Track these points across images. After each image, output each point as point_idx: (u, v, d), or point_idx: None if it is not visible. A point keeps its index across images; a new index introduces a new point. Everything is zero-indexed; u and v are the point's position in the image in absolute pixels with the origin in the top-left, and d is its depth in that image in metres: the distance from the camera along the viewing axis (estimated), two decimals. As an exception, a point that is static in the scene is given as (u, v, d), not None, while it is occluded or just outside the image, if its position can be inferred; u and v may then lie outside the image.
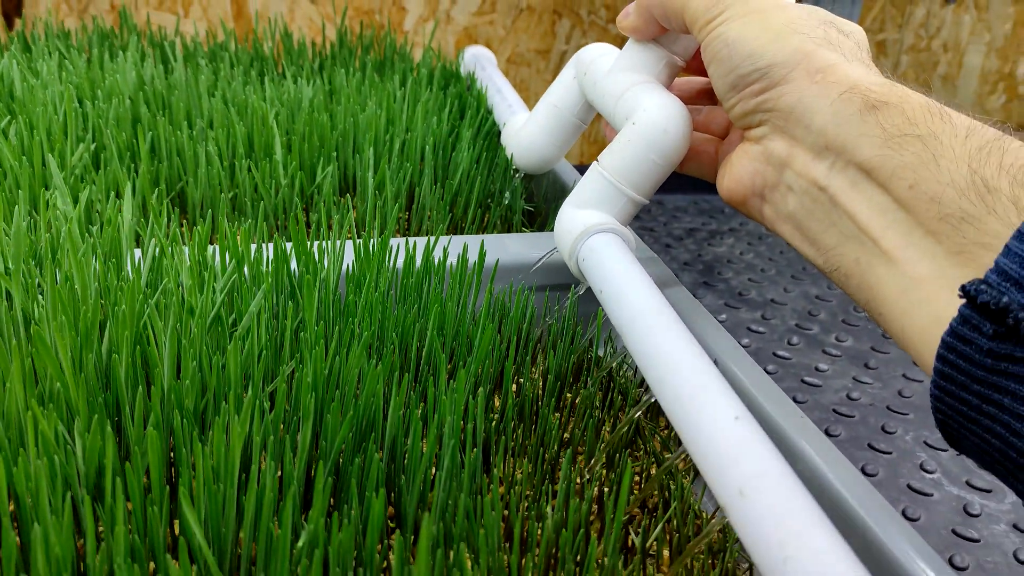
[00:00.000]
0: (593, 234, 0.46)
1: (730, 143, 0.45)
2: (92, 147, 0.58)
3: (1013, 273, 0.26)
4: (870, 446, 0.68)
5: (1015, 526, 0.61)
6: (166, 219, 0.44)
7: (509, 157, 0.64)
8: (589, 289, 0.54)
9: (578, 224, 0.47)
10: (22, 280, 0.37)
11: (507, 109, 0.71)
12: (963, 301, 0.27)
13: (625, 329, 0.40)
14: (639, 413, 0.44)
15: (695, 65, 0.49)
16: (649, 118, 0.45)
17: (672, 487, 0.41)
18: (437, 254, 0.48)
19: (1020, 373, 0.25)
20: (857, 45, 0.38)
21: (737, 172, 0.41)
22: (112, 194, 0.50)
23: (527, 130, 0.60)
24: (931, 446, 0.69)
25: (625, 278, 0.42)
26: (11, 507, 0.30)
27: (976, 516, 0.61)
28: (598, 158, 0.47)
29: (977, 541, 0.59)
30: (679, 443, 0.47)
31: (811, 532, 0.27)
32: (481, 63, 0.86)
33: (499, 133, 0.76)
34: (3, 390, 0.31)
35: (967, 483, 0.65)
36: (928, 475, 0.65)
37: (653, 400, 0.48)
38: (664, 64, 0.47)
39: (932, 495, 0.63)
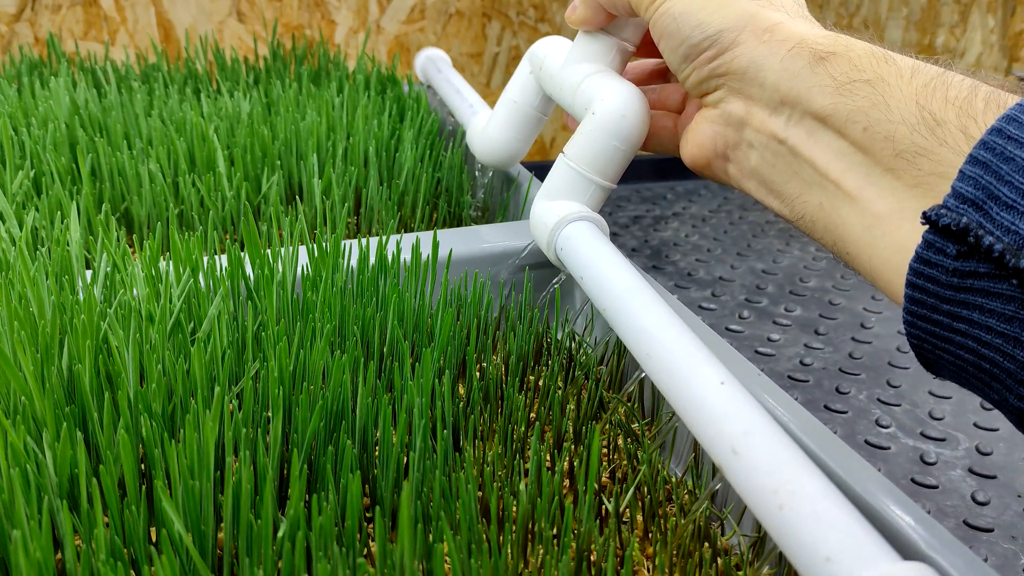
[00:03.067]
0: (568, 223, 0.48)
1: (687, 115, 0.46)
2: (31, 173, 0.57)
3: (969, 195, 0.27)
4: (826, 407, 0.70)
5: (970, 470, 0.63)
6: (115, 236, 0.44)
7: (475, 156, 0.65)
8: (545, 275, 0.55)
9: (552, 215, 0.48)
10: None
11: (468, 109, 0.71)
12: (926, 227, 0.28)
13: (609, 310, 0.42)
14: (603, 387, 0.45)
15: (643, 48, 0.51)
16: (607, 107, 0.46)
17: (640, 455, 0.42)
18: (390, 250, 0.48)
19: (985, 288, 0.27)
20: (797, 3, 0.40)
21: (699, 138, 0.42)
22: (57, 217, 0.50)
23: (490, 128, 0.61)
24: (884, 402, 0.71)
25: (604, 262, 0.44)
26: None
27: (933, 464, 0.63)
28: (564, 150, 0.49)
29: (936, 487, 0.61)
30: (644, 414, 0.48)
31: (802, 480, 0.29)
32: (436, 65, 0.87)
33: (441, 131, 0.77)
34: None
35: (921, 434, 0.67)
36: (884, 430, 0.67)
37: (621, 373, 0.49)
38: (616, 51, 0.49)
39: (889, 448, 0.65)
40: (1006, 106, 0.29)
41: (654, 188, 1.26)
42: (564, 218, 0.48)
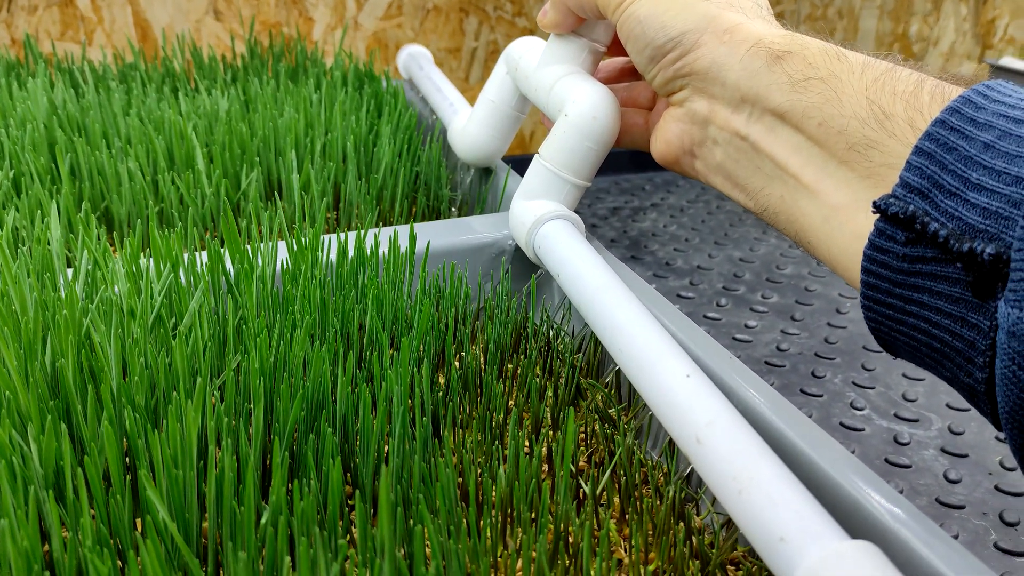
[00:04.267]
0: (545, 222, 0.49)
1: (657, 112, 0.48)
2: (11, 174, 0.58)
3: (915, 184, 0.29)
4: (802, 391, 0.71)
5: (942, 449, 0.64)
6: (95, 234, 0.45)
7: (456, 154, 0.66)
8: (524, 266, 0.56)
9: (529, 215, 0.50)
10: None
11: (449, 108, 0.73)
12: (877, 216, 0.30)
13: (584, 307, 0.44)
14: (580, 374, 0.46)
15: (615, 47, 0.52)
16: (579, 109, 0.48)
17: (617, 439, 0.43)
18: (369, 243, 0.49)
19: (932, 271, 0.28)
20: (756, 3, 0.41)
21: (667, 135, 0.44)
22: (36, 216, 0.50)
23: (470, 127, 0.63)
24: (859, 385, 0.72)
25: (579, 260, 0.46)
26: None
27: (906, 444, 0.65)
28: (539, 151, 0.50)
29: (909, 467, 0.62)
30: (620, 399, 0.49)
31: (758, 465, 0.30)
32: (419, 62, 0.88)
33: (419, 126, 0.77)
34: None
35: (895, 415, 0.68)
36: (858, 412, 0.69)
37: (599, 360, 0.50)
38: (587, 52, 0.50)
39: (864, 430, 0.66)
40: (950, 98, 0.30)
41: (632, 179, 1.27)
42: (541, 217, 0.49)
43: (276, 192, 0.66)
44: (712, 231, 1.07)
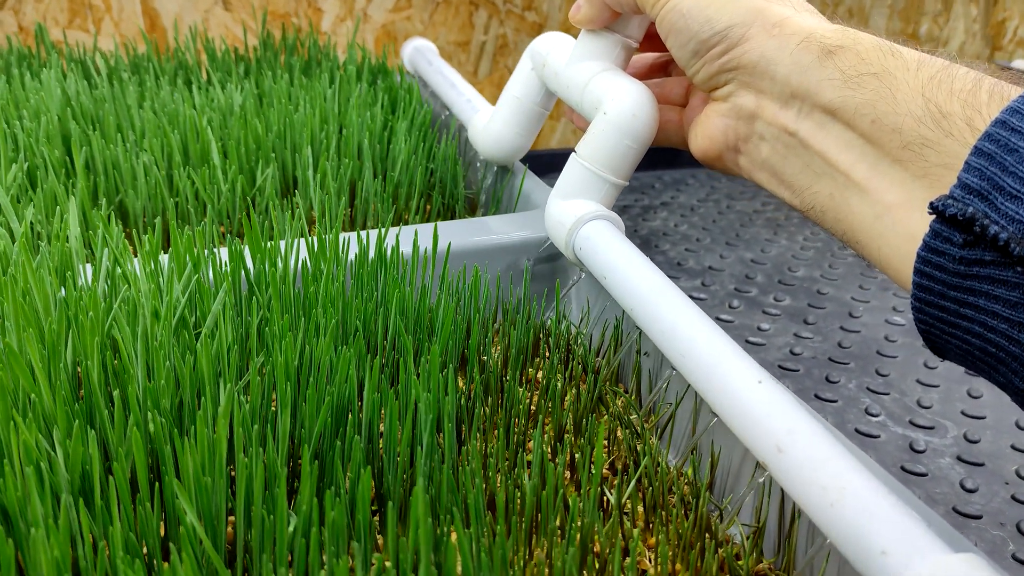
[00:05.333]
0: (586, 222, 0.49)
1: (693, 108, 0.47)
2: (25, 166, 0.57)
3: (974, 185, 0.28)
4: (816, 396, 0.71)
5: (959, 458, 0.64)
6: (115, 231, 0.44)
7: (479, 152, 0.65)
8: (543, 268, 0.56)
9: (569, 215, 0.49)
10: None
11: (467, 105, 0.72)
12: (933, 217, 0.29)
13: (637, 310, 0.43)
14: (604, 381, 0.46)
15: (644, 42, 0.51)
16: (619, 107, 0.47)
17: (640, 447, 0.42)
18: (389, 243, 0.48)
19: (990, 275, 0.28)
20: None
21: (709, 131, 0.43)
22: (53, 211, 0.49)
23: (494, 125, 0.62)
24: (873, 391, 0.72)
25: (627, 263, 0.45)
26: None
27: (922, 452, 0.64)
28: (576, 149, 0.49)
29: (925, 475, 0.62)
30: (641, 405, 0.49)
31: (850, 476, 0.30)
32: (426, 56, 0.87)
33: (434, 123, 0.77)
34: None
35: (910, 422, 0.68)
36: (873, 418, 0.68)
37: (617, 365, 0.49)
38: (620, 48, 0.49)
39: (879, 436, 0.66)
40: (1009, 98, 0.29)
41: (642, 177, 1.26)
42: (581, 217, 0.48)
43: (292, 188, 0.65)
44: (723, 231, 1.07)
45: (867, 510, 0.28)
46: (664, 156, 1.35)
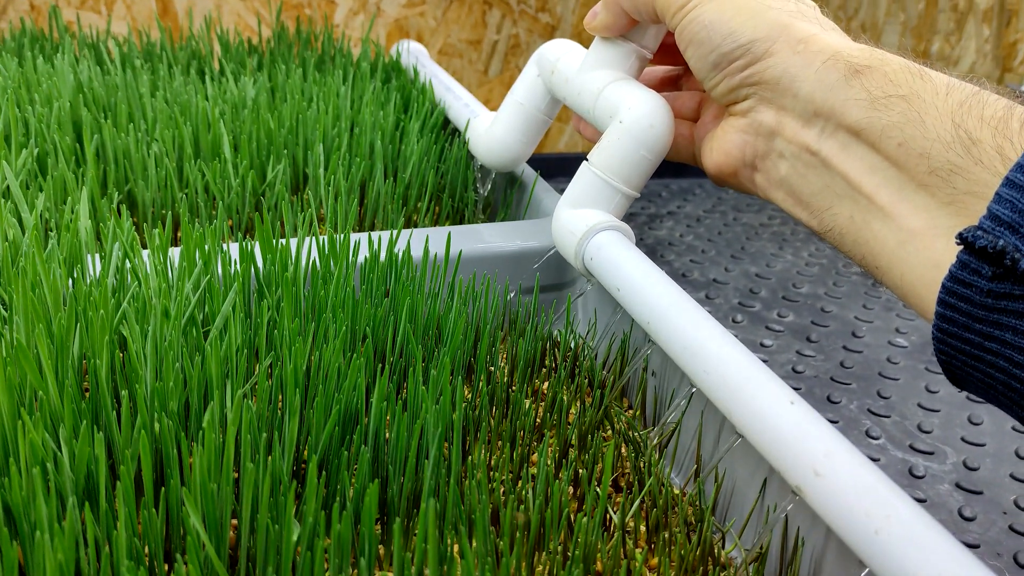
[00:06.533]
0: (597, 232, 0.48)
1: (704, 123, 0.46)
2: (35, 152, 0.57)
3: (1005, 217, 0.27)
4: (818, 416, 0.71)
5: (958, 485, 0.64)
6: (126, 224, 0.44)
7: (475, 157, 0.65)
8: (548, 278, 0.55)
9: (579, 224, 0.48)
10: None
11: (464, 109, 0.71)
12: (960, 247, 0.29)
13: (653, 324, 0.42)
14: (610, 397, 0.45)
15: (657, 55, 0.50)
16: (635, 116, 0.46)
17: (643, 465, 0.42)
18: (399, 247, 0.48)
19: (1018, 309, 0.27)
20: (825, 16, 0.40)
21: (725, 146, 0.42)
22: (62, 198, 0.49)
23: (495, 130, 0.61)
24: (874, 413, 0.72)
25: (643, 275, 0.44)
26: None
27: (921, 478, 0.64)
28: (588, 157, 0.49)
29: (924, 502, 0.62)
30: (644, 423, 0.49)
31: (894, 503, 0.29)
32: (419, 60, 0.86)
33: (446, 125, 0.76)
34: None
35: (911, 447, 0.68)
36: (874, 441, 0.68)
37: (623, 381, 0.49)
38: (634, 58, 0.49)
39: (879, 460, 0.66)
40: None
41: (648, 185, 1.26)
42: (592, 227, 0.48)
43: (302, 186, 0.65)
44: (728, 243, 1.07)
45: (914, 540, 0.27)
46: (671, 165, 1.35)
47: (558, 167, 1.28)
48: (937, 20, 1.67)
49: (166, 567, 0.31)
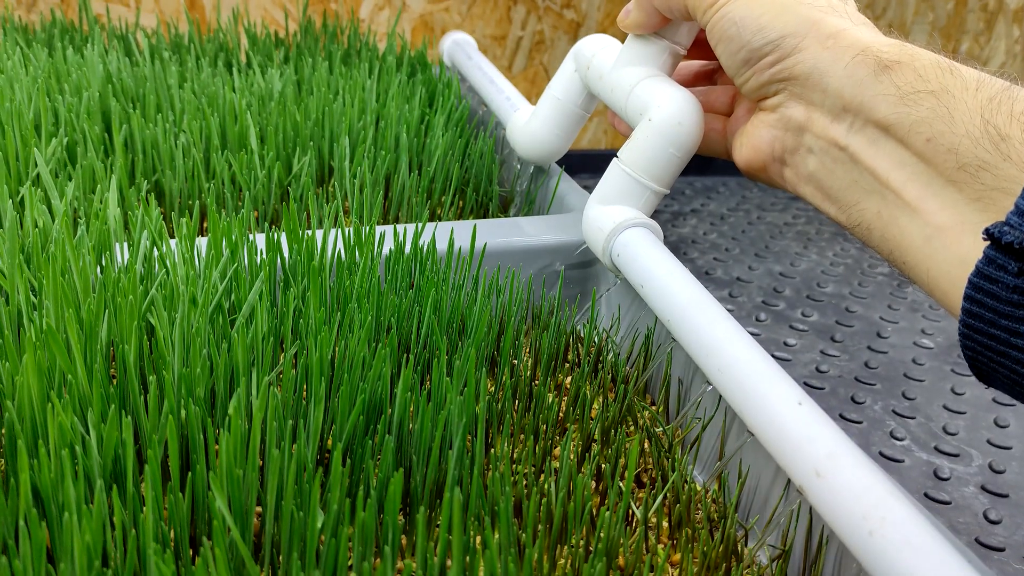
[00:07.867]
0: (625, 229, 0.48)
1: (737, 118, 0.46)
2: (64, 141, 0.57)
3: None
4: (841, 416, 0.70)
5: (983, 487, 0.63)
6: (154, 212, 0.44)
7: (516, 152, 0.65)
8: (574, 274, 0.55)
9: (608, 221, 0.49)
10: (17, 276, 0.37)
11: (506, 102, 0.71)
12: (987, 243, 0.28)
13: (674, 322, 0.42)
14: (632, 393, 0.45)
15: (691, 50, 0.50)
16: (664, 114, 0.46)
17: (666, 462, 0.42)
18: (424, 239, 0.48)
19: None
20: (855, 11, 0.40)
21: (755, 141, 0.42)
22: (91, 187, 0.50)
23: (533, 125, 0.61)
24: (899, 414, 0.71)
25: (667, 273, 0.44)
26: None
27: (946, 480, 0.64)
28: (618, 154, 0.49)
29: (948, 503, 0.61)
30: (668, 419, 0.48)
31: (890, 504, 0.29)
32: (465, 50, 0.86)
33: (470, 119, 0.76)
34: (12, 385, 0.31)
35: (936, 448, 0.67)
36: (898, 442, 0.68)
37: (647, 377, 0.49)
38: (667, 55, 0.49)
39: (903, 461, 0.65)
40: None
41: (672, 183, 1.26)
42: (621, 224, 0.48)
43: (327, 178, 0.65)
44: (752, 242, 1.06)
45: (908, 541, 0.27)
46: (696, 162, 1.34)
47: (580, 164, 1.28)
48: (966, 20, 1.65)
49: (191, 551, 0.31)
